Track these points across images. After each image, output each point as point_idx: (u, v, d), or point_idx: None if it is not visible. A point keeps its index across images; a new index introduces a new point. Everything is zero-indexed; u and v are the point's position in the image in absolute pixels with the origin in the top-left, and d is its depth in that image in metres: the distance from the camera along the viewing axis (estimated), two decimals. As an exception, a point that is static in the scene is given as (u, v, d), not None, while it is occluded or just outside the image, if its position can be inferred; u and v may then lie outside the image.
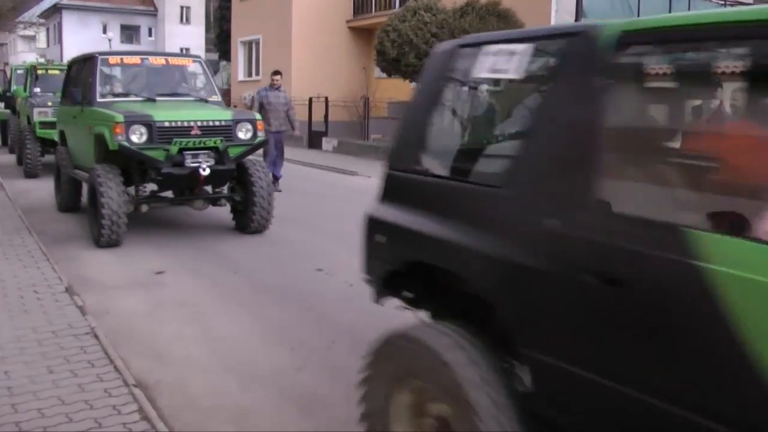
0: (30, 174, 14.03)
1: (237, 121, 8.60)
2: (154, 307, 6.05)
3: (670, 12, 17.54)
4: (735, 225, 2.29)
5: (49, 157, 15.02)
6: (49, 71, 16.24)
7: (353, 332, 5.51)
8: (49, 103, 14.11)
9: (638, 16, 17.27)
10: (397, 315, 5.93)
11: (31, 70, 15.85)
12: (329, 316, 5.88)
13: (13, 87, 18.06)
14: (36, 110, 14.05)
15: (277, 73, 13.44)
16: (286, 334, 5.45)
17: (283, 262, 7.76)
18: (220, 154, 8.37)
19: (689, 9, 18.41)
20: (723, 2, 19.61)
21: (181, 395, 4.34)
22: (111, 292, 6.43)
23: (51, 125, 13.89)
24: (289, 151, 22.47)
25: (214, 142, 8.32)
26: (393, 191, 3.55)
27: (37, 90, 15.07)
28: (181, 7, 51.82)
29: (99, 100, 8.82)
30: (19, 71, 18.62)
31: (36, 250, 7.46)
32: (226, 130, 8.45)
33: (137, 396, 4.08)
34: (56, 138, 13.93)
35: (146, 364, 4.78)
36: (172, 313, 5.90)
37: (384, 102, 23.06)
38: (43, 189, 12.74)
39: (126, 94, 9.21)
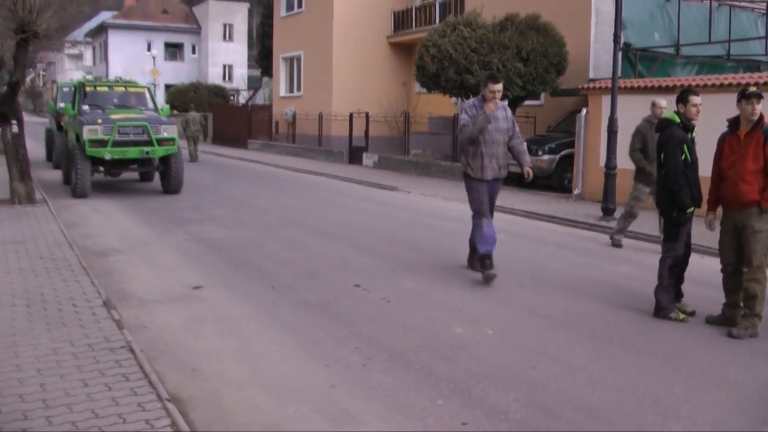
0: (79, 194, 13.72)
1: None
2: (191, 322, 6.06)
3: (710, 22, 17.20)
4: None
5: (98, 176, 14.96)
6: (98, 88, 16.18)
7: (389, 350, 5.44)
8: (99, 121, 13.95)
9: (678, 26, 16.99)
10: (435, 332, 5.87)
11: (80, 87, 15.75)
12: (366, 333, 5.82)
13: (60, 104, 18.24)
14: (86, 128, 13.74)
15: (495, 80, 7.75)
16: (322, 350, 5.41)
17: (320, 277, 7.72)
18: None
19: (730, 20, 18.05)
20: (764, 13, 19.22)
21: (214, 410, 4.31)
22: (148, 307, 6.47)
23: (101, 143, 13.74)
24: (328, 167, 22.58)
25: None
26: None
27: (86, 107, 14.89)
28: (224, 25, 52.71)
29: None
30: (65, 89, 18.83)
31: (76, 264, 7.54)
32: None
33: (170, 410, 4.06)
34: (107, 156, 13.86)
35: (181, 378, 4.77)
36: (208, 328, 5.90)
37: (424, 117, 23.06)
38: (85, 205, 12.96)
39: None
